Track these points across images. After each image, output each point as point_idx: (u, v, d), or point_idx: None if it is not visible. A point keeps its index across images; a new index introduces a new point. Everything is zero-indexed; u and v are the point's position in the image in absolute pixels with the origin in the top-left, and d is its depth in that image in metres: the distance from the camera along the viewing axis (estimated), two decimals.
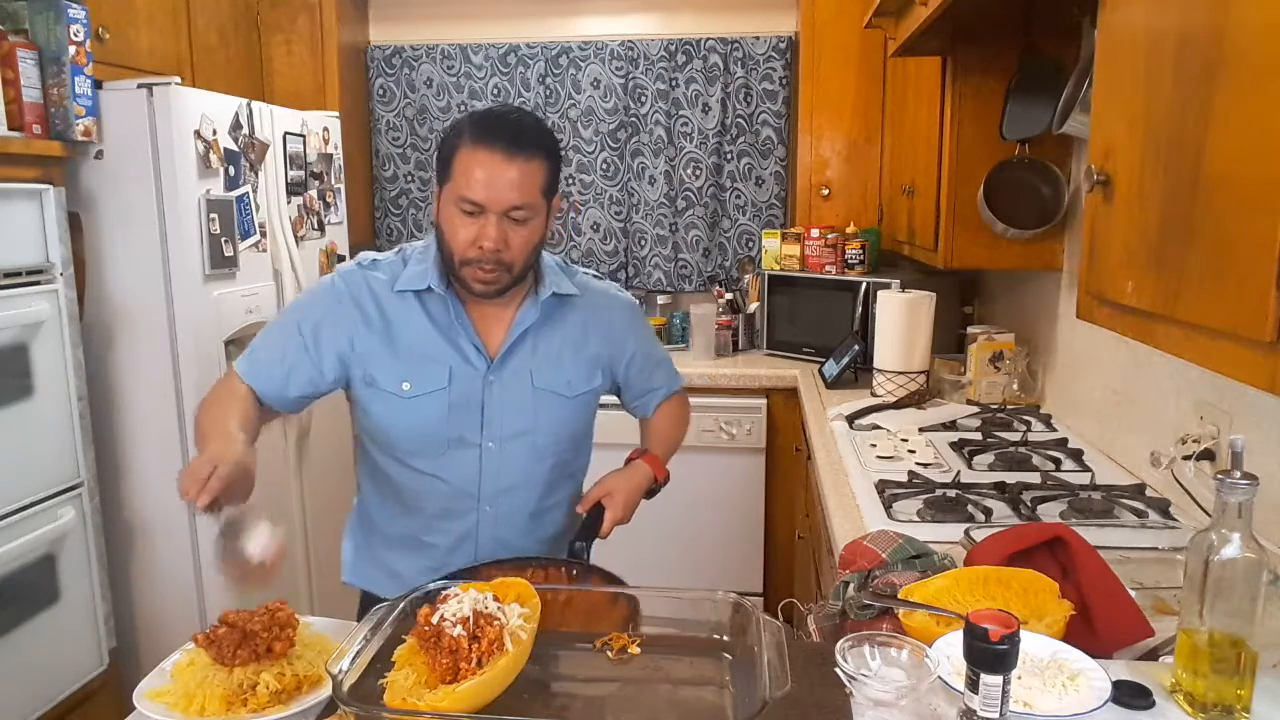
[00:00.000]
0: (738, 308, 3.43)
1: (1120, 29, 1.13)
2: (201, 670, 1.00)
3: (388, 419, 1.44)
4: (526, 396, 1.46)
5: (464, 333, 1.43)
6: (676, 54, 3.45)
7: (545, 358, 1.47)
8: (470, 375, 1.43)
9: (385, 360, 1.42)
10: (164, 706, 0.97)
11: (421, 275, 1.42)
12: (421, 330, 1.42)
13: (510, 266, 1.36)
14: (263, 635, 1.01)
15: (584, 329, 1.52)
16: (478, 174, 1.30)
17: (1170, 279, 0.96)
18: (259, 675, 0.99)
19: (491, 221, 1.32)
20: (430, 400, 1.41)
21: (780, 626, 0.97)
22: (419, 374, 1.41)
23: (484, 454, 1.45)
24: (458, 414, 1.43)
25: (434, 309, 1.43)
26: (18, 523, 2.04)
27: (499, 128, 1.32)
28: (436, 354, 1.42)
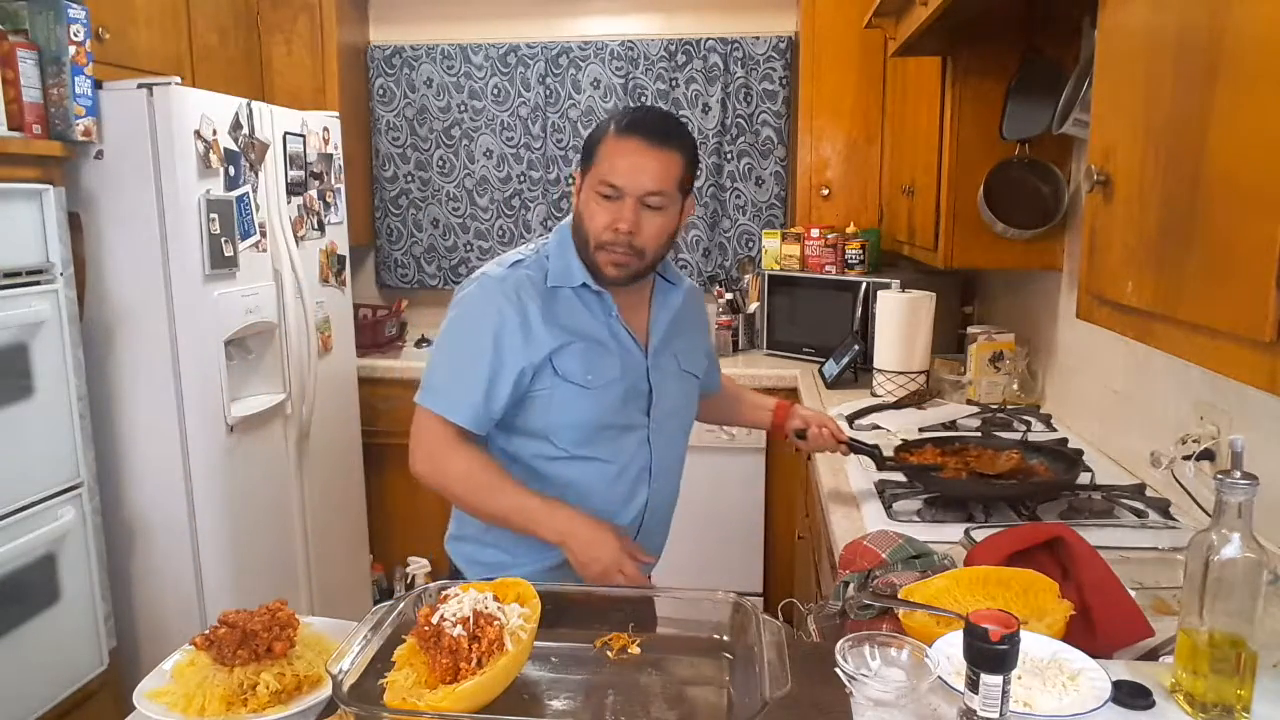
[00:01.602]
0: (738, 308, 3.43)
1: (1120, 29, 1.13)
2: (202, 670, 1.00)
3: (569, 410, 1.46)
4: (677, 380, 1.57)
5: (617, 322, 1.49)
6: (676, 54, 3.45)
7: (682, 340, 1.59)
8: (635, 363, 1.50)
9: (569, 354, 1.44)
10: (164, 707, 0.97)
11: (570, 270, 1.46)
12: (586, 323, 1.47)
13: (642, 253, 1.42)
14: (263, 635, 1.01)
15: (693, 313, 1.66)
16: (620, 161, 1.38)
17: (1170, 279, 0.96)
18: (259, 675, 0.99)
19: (628, 205, 1.38)
20: (609, 390, 1.47)
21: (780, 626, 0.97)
22: (597, 365, 1.46)
23: (650, 435, 1.53)
24: (630, 400, 1.50)
25: (589, 302, 1.47)
26: (18, 523, 2.04)
27: (644, 120, 1.41)
28: (607, 344, 1.48)
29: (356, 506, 3.21)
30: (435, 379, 1.46)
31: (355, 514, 3.20)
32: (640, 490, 1.54)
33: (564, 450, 1.48)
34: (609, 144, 1.40)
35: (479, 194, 3.62)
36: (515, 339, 1.42)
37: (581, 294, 1.47)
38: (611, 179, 1.38)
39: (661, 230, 1.42)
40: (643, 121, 1.41)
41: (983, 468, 1.69)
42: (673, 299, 1.58)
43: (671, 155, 1.40)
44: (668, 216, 1.42)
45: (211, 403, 2.39)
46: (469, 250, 3.68)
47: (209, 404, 2.38)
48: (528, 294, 1.45)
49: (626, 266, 1.42)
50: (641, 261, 1.43)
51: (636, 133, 1.39)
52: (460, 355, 1.45)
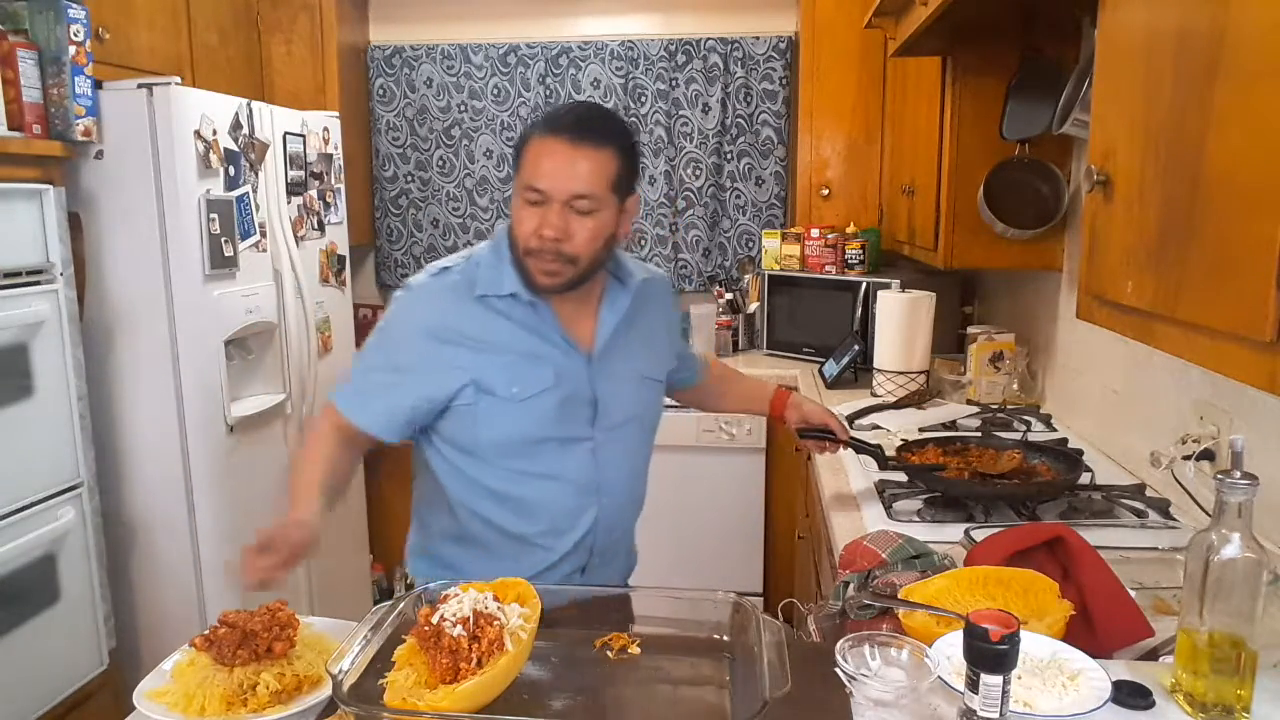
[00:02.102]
0: (738, 308, 3.43)
1: (1120, 29, 1.13)
2: (202, 670, 1.00)
3: (498, 426, 1.39)
4: (631, 386, 1.49)
5: (554, 330, 1.41)
6: (676, 54, 3.45)
7: (638, 342, 1.50)
8: (574, 370, 1.42)
9: (491, 365, 1.38)
10: (164, 707, 0.97)
11: (500, 280, 1.39)
12: (514, 332, 1.39)
13: (574, 260, 1.34)
14: (263, 635, 1.01)
15: (654, 309, 1.56)
16: (544, 162, 1.30)
17: (1170, 279, 0.96)
18: (259, 675, 0.99)
19: (554, 210, 1.30)
20: (540, 400, 1.39)
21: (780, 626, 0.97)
22: (525, 376, 1.38)
23: (596, 447, 1.45)
24: (571, 411, 1.42)
25: (520, 310, 1.40)
26: (18, 523, 2.04)
27: (569, 117, 1.33)
28: (537, 353, 1.40)
29: (356, 506, 3.21)
30: (349, 380, 1.43)
31: (355, 514, 3.20)
32: (588, 507, 1.45)
33: (500, 466, 1.42)
34: (533, 145, 1.33)
35: (479, 194, 3.62)
36: (432, 351, 1.37)
37: (511, 303, 1.40)
38: (535, 182, 1.31)
39: (594, 235, 1.34)
40: (567, 119, 1.33)
41: (984, 468, 1.69)
42: (620, 301, 1.47)
43: (601, 154, 1.31)
44: (600, 220, 1.33)
45: (211, 403, 2.39)
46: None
47: (209, 404, 2.38)
48: (450, 304, 1.39)
49: (558, 275, 1.35)
50: (574, 269, 1.35)
51: (560, 131, 1.31)
52: (375, 362, 1.41)
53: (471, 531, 1.46)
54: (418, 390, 1.38)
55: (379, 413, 1.39)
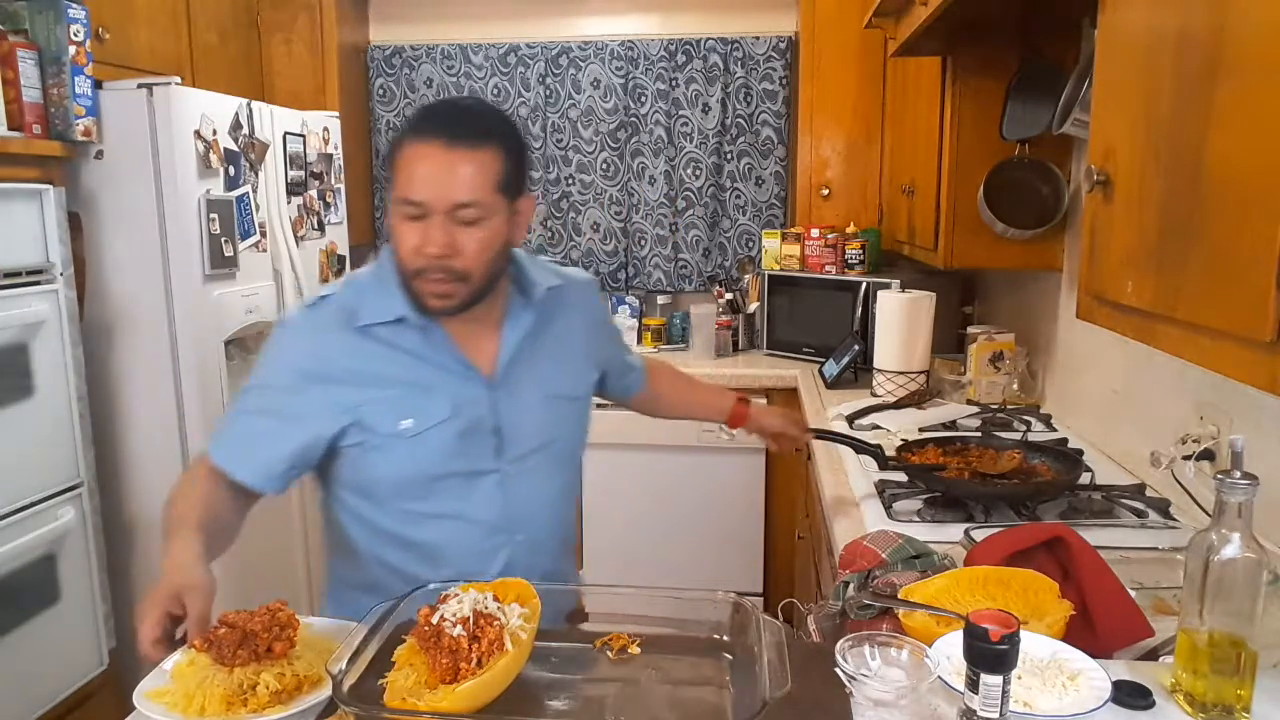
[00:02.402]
0: (738, 308, 3.43)
1: (1120, 29, 1.13)
2: (202, 670, 1.00)
3: (391, 465, 1.28)
4: (539, 406, 1.34)
5: (449, 356, 1.28)
6: (676, 54, 3.45)
7: (548, 360, 1.36)
8: (473, 398, 1.29)
9: (373, 401, 1.25)
10: (164, 707, 0.97)
11: (386, 305, 1.26)
12: (403, 362, 1.27)
13: (465, 276, 1.20)
14: (263, 635, 1.00)
15: (569, 321, 1.41)
16: (418, 170, 1.16)
17: (1170, 279, 0.96)
18: (259, 675, 0.99)
19: (436, 224, 1.17)
20: (436, 434, 1.27)
21: (780, 626, 0.97)
22: (417, 408, 1.26)
23: (503, 480, 1.32)
24: (469, 442, 1.29)
25: (409, 337, 1.27)
26: (18, 523, 2.04)
27: (440, 116, 1.20)
28: (427, 383, 1.27)
29: None
30: (224, 427, 1.30)
31: None
32: (499, 548, 1.31)
33: (398, 507, 1.30)
34: (404, 152, 1.18)
35: None
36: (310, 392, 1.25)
37: (399, 329, 1.26)
38: (410, 194, 1.16)
39: (485, 246, 1.20)
40: (438, 118, 1.20)
41: (985, 468, 1.69)
42: (523, 316, 1.33)
43: (482, 154, 1.17)
44: (490, 229, 1.20)
45: (211, 403, 2.39)
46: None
47: (209, 404, 2.38)
48: (327, 338, 1.26)
49: (451, 296, 1.21)
50: (468, 286, 1.21)
51: (431, 133, 1.17)
52: (250, 406, 1.29)
53: (377, 578, 1.32)
54: (297, 437, 1.25)
55: (257, 464, 1.25)
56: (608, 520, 3.06)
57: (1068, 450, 1.84)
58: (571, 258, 3.59)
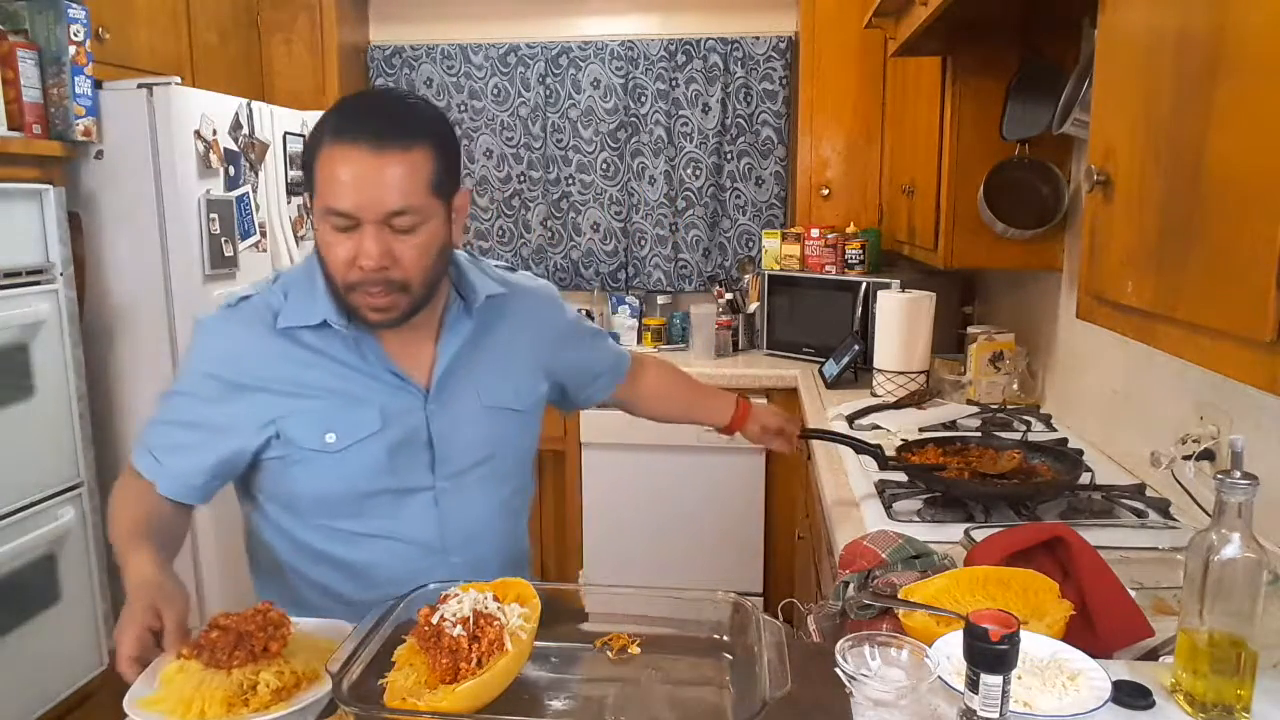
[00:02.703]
0: (738, 308, 3.43)
1: (1120, 29, 1.13)
2: (195, 675, 0.98)
3: (315, 481, 1.20)
4: (477, 419, 1.26)
5: (380, 365, 1.21)
6: (676, 54, 3.45)
7: (488, 371, 1.28)
8: (406, 409, 1.21)
9: (295, 412, 1.18)
10: (160, 714, 0.95)
11: (310, 307, 1.18)
12: (329, 370, 1.19)
13: (406, 286, 1.13)
14: (259, 635, 1.00)
15: (514, 329, 1.33)
16: (342, 177, 1.06)
17: (1170, 279, 0.96)
18: (258, 675, 0.98)
19: (369, 234, 1.08)
20: (364, 449, 1.19)
21: (780, 626, 0.97)
22: (343, 421, 1.18)
23: (438, 496, 1.25)
24: (401, 457, 1.21)
25: (336, 343, 1.20)
26: (18, 523, 2.04)
27: (362, 116, 1.09)
28: (356, 393, 1.19)
29: None
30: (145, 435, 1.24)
31: None
32: (433, 570, 1.19)
33: (325, 525, 1.23)
34: (325, 157, 1.07)
35: (479, 194, 3.62)
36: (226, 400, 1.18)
37: (325, 335, 1.18)
38: (337, 204, 1.07)
39: (425, 252, 1.12)
40: (362, 117, 1.09)
41: (985, 468, 1.69)
42: (461, 324, 1.26)
43: (411, 154, 1.08)
44: (428, 234, 1.12)
45: None
46: (469, 250, 3.67)
47: None
48: (245, 341, 1.19)
49: (391, 309, 1.14)
50: (409, 296, 1.14)
51: (355, 135, 1.06)
52: (166, 415, 1.23)
53: (303, 597, 1.26)
54: (216, 449, 1.19)
55: (174, 476, 1.19)
56: (608, 520, 3.07)
57: (1068, 450, 1.84)
58: (571, 258, 3.60)
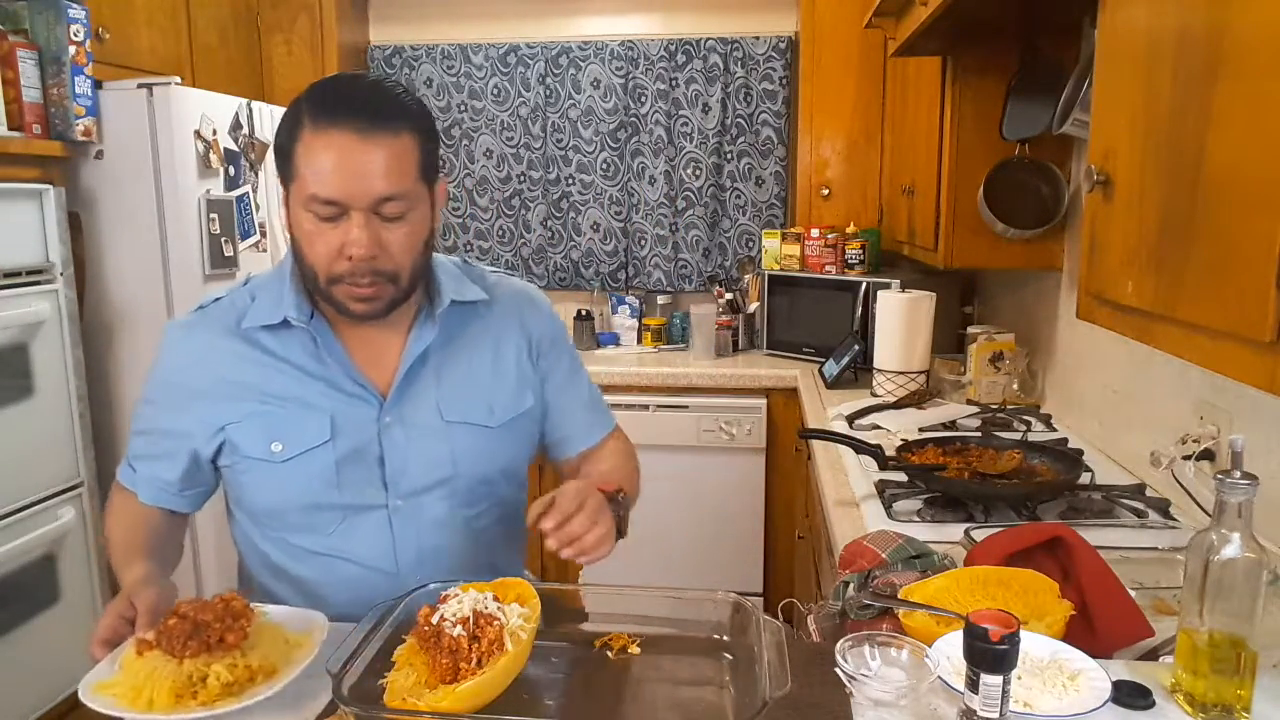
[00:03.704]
0: (738, 308, 3.43)
1: (1120, 29, 1.13)
2: (151, 662, 0.96)
3: (262, 492, 1.17)
4: (437, 435, 1.18)
5: (340, 369, 1.16)
6: (676, 54, 3.45)
7: (454, 382, 1.20)
8: (360, 421, 1.16)
9: (245, 418, 1.15)
10: (112, 699, 0.93)
11: (274, 307, 1.15)
12: (283, 373, 1.16)
13: (394, 275, 1.09)
14: (215, 626, 0.96)
15: (498, 339, 1.25)
16: (329, 163, 1.03)
17: (1170, 279, 0.96)
18: (209, 667, 0.95)
19: (357, 222, 1.04)
20: (311, 460, 1.14)
21: (780, 626, 0.97)
22: (291, 430, 1.14)
23: (392, 516, 1.18)
24: (351, 472, 1.16)
25: (296, 345, 1.16)
26: (18, 523, 2.04)
27: (347, 100, 1.05)
28: (310, 400, 1.15)
29: None
30: (129, 444, 1.24)
31: None
32: (386, 593, 1.10)
33: (278, 538, 1.20)
34: (307, 144, 1.04)
35: (479, 194, 3.62)
36: (185, 404, 1.17)
37: (285, 337, 1.15)
38: (323, 191, 1.03)
39: (412, 240, 1.09)
40: (344, 101, 1.05)
41: (984, 468, 1.69)
42: (454, 325, 1.20)
43: (399, 139, 1.05)
44: (415, 221, 1.09)
45: None
46: (469, 250, 3.68)
47: None
48: (204, 344, 1.18)
49: (378, 298, 1.09)
50: (397, 287, 1.10)
51: (340, 120, 1.02)
52: (138, 423, 1.23)
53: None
54: (179, 456, 1.18)
55: (150, 484, 1.20)
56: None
57: (1068, 450, 1.84)
58: (571, 258, 3.60)
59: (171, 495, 1.21)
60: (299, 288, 1.15)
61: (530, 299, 1.32)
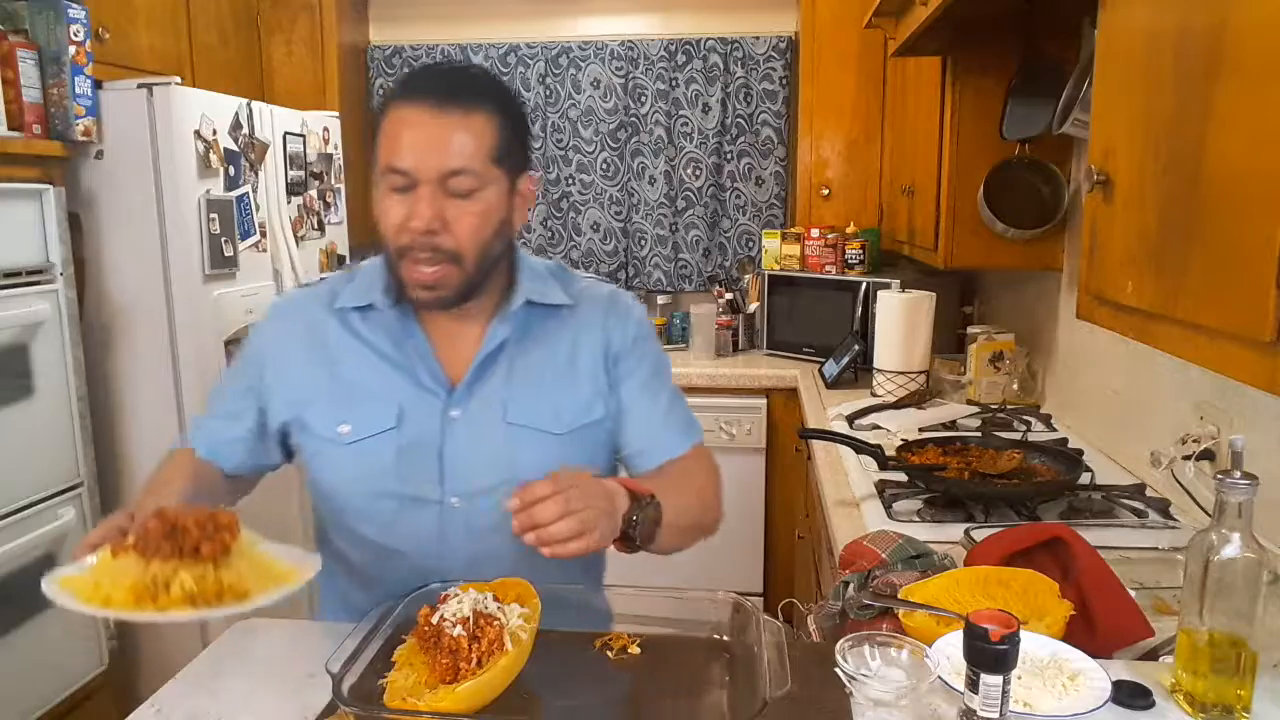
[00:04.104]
0: (738, 308, 3.43)
1: (1120, 29, 1.13)
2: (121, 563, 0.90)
3: (327, 473, 1.18)
4: (499, 435, 1.15)
5: (419, 356, 1.16)
6: (676, 54, 3.45)
7: (524, 384, 1.17)
8: (426, 411, 1.15)
9: (320, 397, 1.16)
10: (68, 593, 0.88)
11: (365, 289, 1.17)
12: (365, 357, 1.17)
13: (456, 255, 1.07)
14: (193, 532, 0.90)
15: (575, 344, 1.21)
16: (403, 136, 1.06)
17: (1170, 279, 0.96)
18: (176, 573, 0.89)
19: (423, 195, 1.05)
20: (375, 445, 1.14)
21: (780, 626, 0.97)
22: (360, 412, 1.15)
23: (444, 514, 1.16)
24: (410, 462, 1.14)
25: (381, 331, 1.17)
26: (18, 523, 2.04)
27: (426, 79, 1.10)
28: (382, 386, 1.15)
29: None
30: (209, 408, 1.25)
31: None
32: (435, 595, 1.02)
33: (346, 526, 1.19)
34: (390, 118, 1.08)
35: None
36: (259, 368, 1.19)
37: (372, 321, 1.17)
38: (396, 161, 1.05)
39: (480, 223, 1.08)
40: (426, 80, 1.10)
41: (984, 468, 1.69)
42: (533, 325, 1.19)
43: (472, 117, 1.06)
44: (486, 203, 1.08)
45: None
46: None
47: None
48: (300, 320, 1.19)
49: (442, 285, 1.08)
50: (461, 270, 1.08)
51: (419, 96, 1.07)
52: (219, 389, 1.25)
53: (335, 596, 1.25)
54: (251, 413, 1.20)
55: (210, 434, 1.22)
56: None
57: (1068, 450, 1.84)
58: (571, 258, 3.59)
59: (230, 451, 1.21)
60: (387, 275, 1.15)
61: (615, 304, 1.26)
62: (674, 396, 1.31)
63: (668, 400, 1.29)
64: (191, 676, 1.06)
